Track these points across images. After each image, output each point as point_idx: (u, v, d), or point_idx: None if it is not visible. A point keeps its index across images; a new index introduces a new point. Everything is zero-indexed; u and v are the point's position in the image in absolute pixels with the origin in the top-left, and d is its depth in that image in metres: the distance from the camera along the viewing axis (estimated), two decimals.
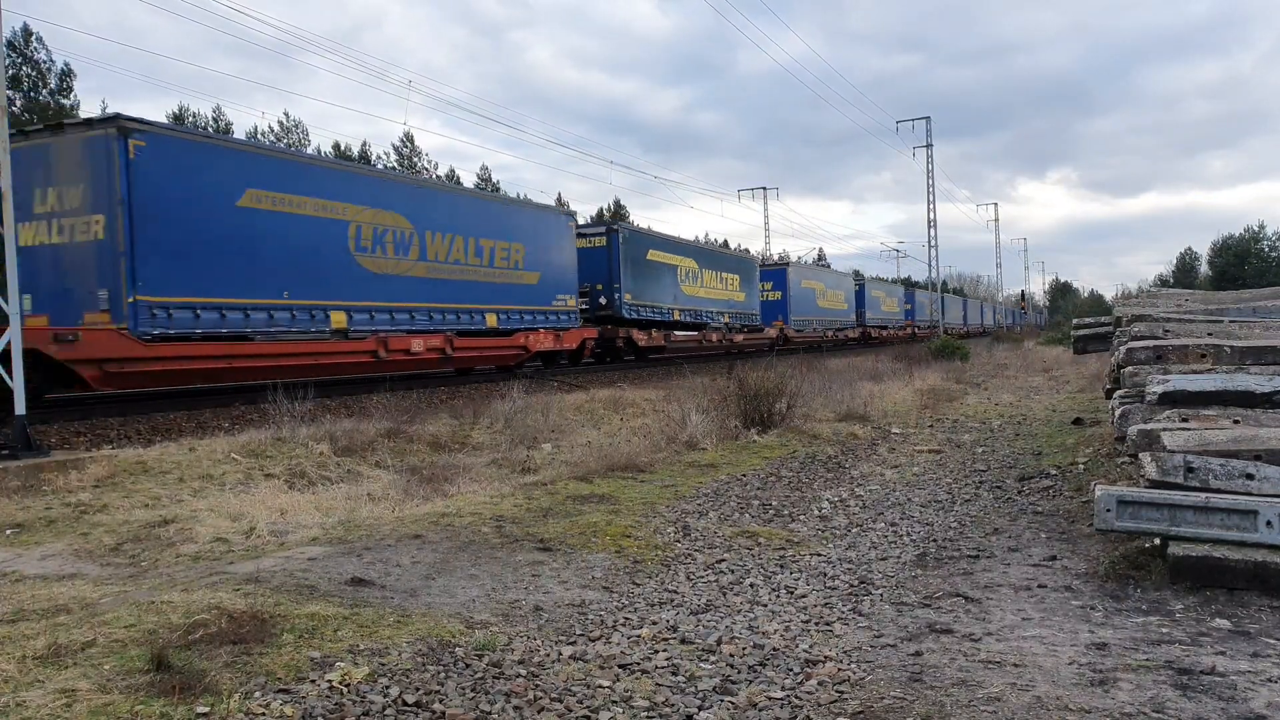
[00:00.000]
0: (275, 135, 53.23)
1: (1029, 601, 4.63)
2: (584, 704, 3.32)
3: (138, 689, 3.06)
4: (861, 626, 4.27)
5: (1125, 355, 7.49)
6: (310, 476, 8.59)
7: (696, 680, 3.58)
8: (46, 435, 10.40)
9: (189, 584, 4.53)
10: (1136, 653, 3.83)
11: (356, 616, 3.98)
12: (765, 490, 7.80)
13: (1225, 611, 4.38)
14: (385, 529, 5.95)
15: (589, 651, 3.87)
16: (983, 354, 32.92)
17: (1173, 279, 78.91)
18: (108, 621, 3.78)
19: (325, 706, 3.10)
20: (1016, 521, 6.58)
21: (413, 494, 7.42)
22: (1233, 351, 6.85)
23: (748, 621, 4.33)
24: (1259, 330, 7.71)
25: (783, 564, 5.42)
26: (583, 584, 4.88)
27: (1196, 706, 3.26)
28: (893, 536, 6.18)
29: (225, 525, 6.24)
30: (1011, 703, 3.30)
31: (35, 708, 2.90)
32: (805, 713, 3.28)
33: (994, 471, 8.80)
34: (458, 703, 3.25)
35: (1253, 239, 71.69)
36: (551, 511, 6.54)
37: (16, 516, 6.70)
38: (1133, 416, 6.56)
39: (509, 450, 10.16)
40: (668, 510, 6.77)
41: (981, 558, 5.55)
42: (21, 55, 41.14)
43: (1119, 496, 4.93)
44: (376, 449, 9.90)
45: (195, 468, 8.48)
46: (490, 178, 64.94)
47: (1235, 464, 5.02)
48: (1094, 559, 5.35)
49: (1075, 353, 14.91)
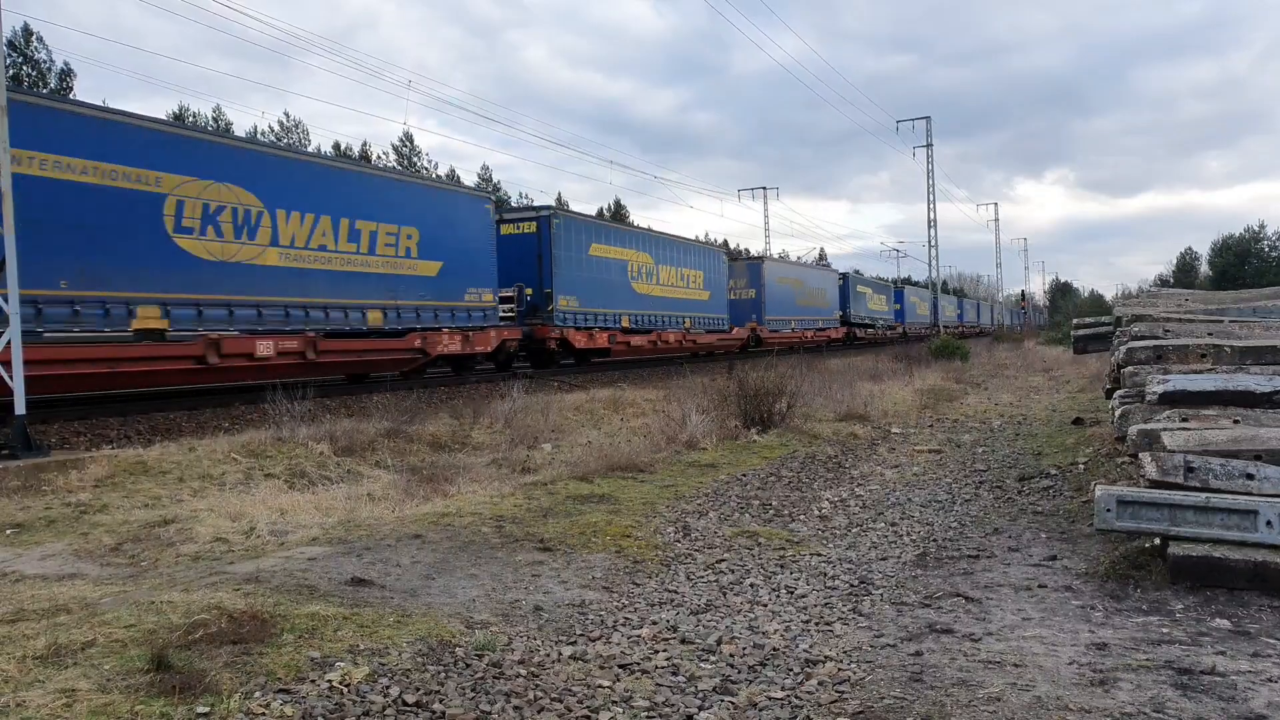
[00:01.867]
0: (275, 135, 53.23)
1: (1029, 601, 4.63)
2: (584, 704, 3.32)
3: (138, 689, 3.06)
4: (861, 626, 4.27)
5: (1125, 355, 7.49)
6: (310, 476, 8.59)
7: (696, 680, 3.58)
8: (46, 435, 10.40)
9: (189, 584, 4.53)
10: (1136, 653, 3.83)
11: (356, 616, 3.98)
12: (765, 490, 7.80)
13: (1225, 611, 4.38)
14: (385, 529, 5.95)
15: (589, 651, 3.87)
16: (983, 354, 32.93)
17: (1173, 279, 78.89)
18: (108, 621, 3.78)
19: (325, 706, 3.10)
20: (1016, 521, 6.57)
21: (413, 494, 7.42)
22: (1233, 351, 6.86)
23: (748, 621, 4.33)
24: (1259, 330, 7.71)
25: (783, 564, 5.42)
26: (583, 584, 4.88)
27: (1196, 706, 3.26)
28: (893, 536, 6.18)
29: (225, 525, 6.24)
30: (1011, 703, 3.30)
31: (35, 708, 2.90)
32: (805, 713, 3.28)
33: (994, 471, 8.80)
34: (458, 703, 3.25)
35: (1253, 239, 71.66)
36: (551, 511, 6.54)
37: (16, 516, 6.70)
38: (1133, 416, 6.56)
39: (509, 450, 10.16)
40: (668, 510, 6.77)
41: (982, 558, 5.55)
42: (22, 55, 41.17)
43: (1119, 496, 4.93)
44: (377, 449, 9.91)
45: (195, 468, 8.48)
46: (490, 177, 64.96)
47: (1235, 464, 5.02)
48: (1094, 559, 5.35)
49: (1075, 353, 14.93)
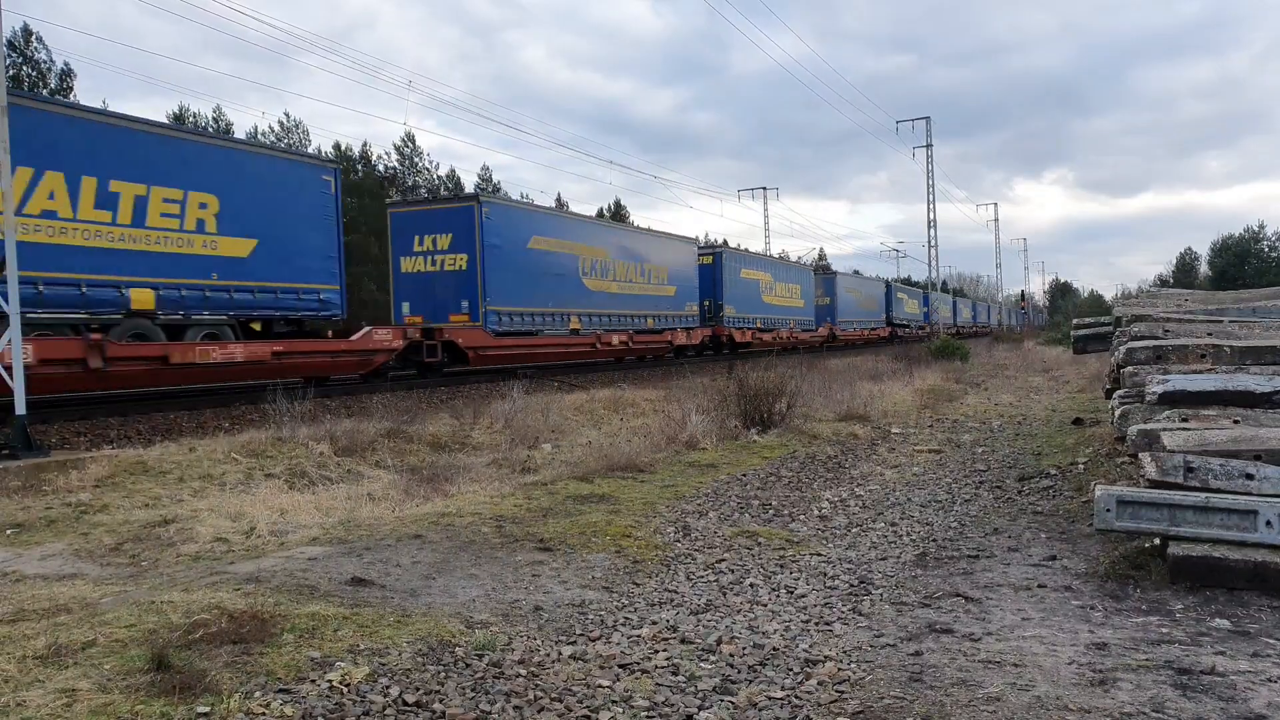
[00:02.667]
0: (276, 135, 53.22)
1: (1029, 601, 4.63)
2: (584, 704, 3.32)
3: (138, 689, 3.06)
4: (861, 626, 4.27)
5: (1125, 355, 7.49)
6: (310, 476, 8.59)
7: (696, 680, 3.58)
8: (47, 435, 10.41)
9: (189, 584, 4.53)
10: (1136, 653, 3.83)
11: (357, 616, 3.98)
12: (765, 490, 7.80)
13: (1225, 611, 4.38)
14: (385, 529, 5.95)
15: (589, 651, 3.87)
16: (982, 354, 32.94)
17: (1172, 279, 78.88)
18: (108, 621, 3.78)
19: (325, 706, 3.10)
20: (1016, 521, 6.57)
21: (413, 494, 7.42)
22: (1232, 351, 6.86)
23: (748, 621, 4.33)
24: (1259, 330, 7.71)
25: (783, 564, 5.42)
26: (583, 584, 4.88)
27: (1196, 706, 3.26)
28: (893, 536, 6.18)
29: (225, 525, 6.24)
30: (1011, 703, 3.30)
31: (35, 708, 2.90)
32: (805, 713, 3.28)
33: (994, 471, 8.80)
34: (458, 703, 3.25)
35: (1253, 239, 71.65)
36: (551, 511, 6.54)
37: (17, 516, 6.70)
38: (1133, 416, 6.56)
39: (509, 450, 10.16)
40: (668, 510, 6.77)
41: (981, 558, 5.55)
42: (22, 55, 41.14)
43: (1119, 496, 4.93)
44: (377, 449, 9.91)
45: (195, 468, 8.48)
46: (490, 177, 64.87)
47: (1235, 464, 5.02)
48: (1094, 559, 5.36)
49: (1075, 353, 14.92)
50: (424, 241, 19.91)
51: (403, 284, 20.17)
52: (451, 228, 19.59)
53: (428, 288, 19.81)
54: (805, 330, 38.85)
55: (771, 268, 36.82)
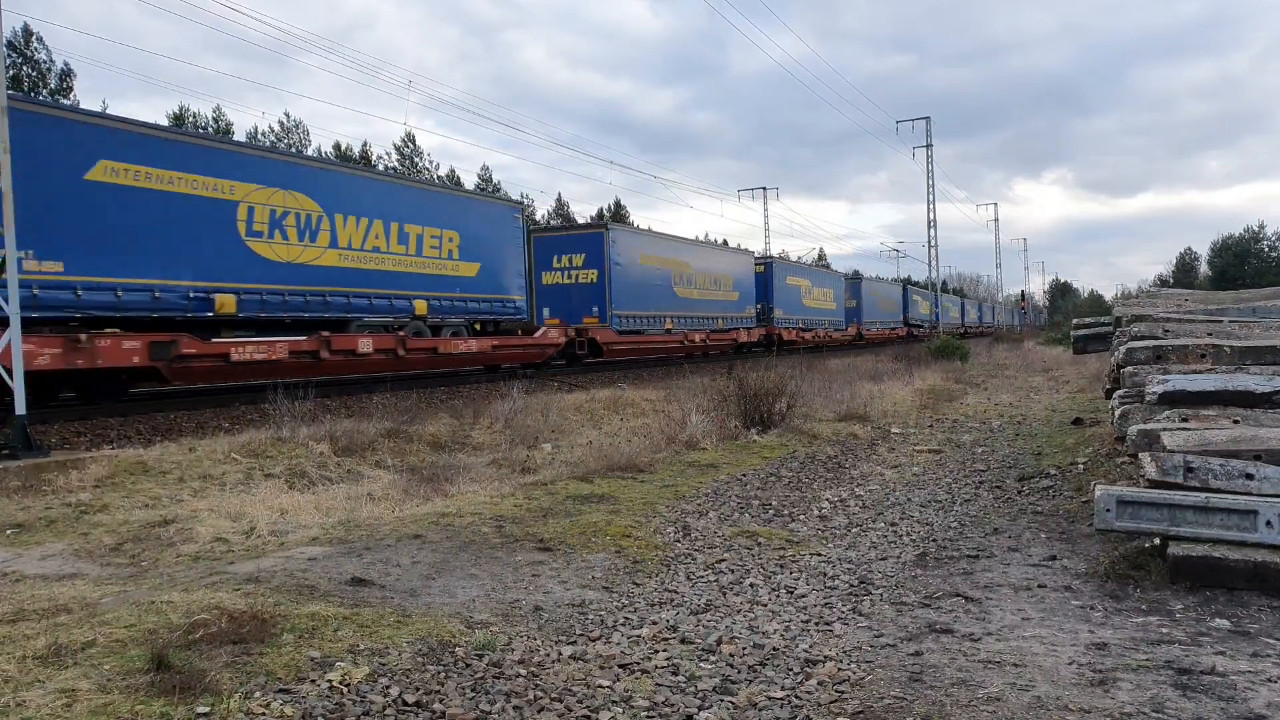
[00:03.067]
0: (276, 136, 53.22)
1: (1029, 601, 4.63)
2: (584, 704, 3.32)
3: (138, 689, 3.06)
4: (861, 626, 4.27)
5: (1125, 355, 7.49)
6: (310, 476, 8.59)
7: (696, 680, 3.58)
8: (46, 435, 10.41)
9: (189, 584, 4.53)
10: (1136, 653, 3.83)
11: (356, 616, 3.98)
12: (765, 490, 7.80)
13: (1225, 611, 4.38)
14: (385, 529, 5.95)
15: (589, 651, 3.87)
16: (982, 354, 32.96)
17: (1172, 279, 78.92)
18: (108, 621, 3.78)
19: (325, 706, 3.10)
20: (1016, 521, 6.57)
21: (413, 494, 7.42)
22: (1232, 351, 6.86)
23: (748, 621, 4.33)
24: (1259, 330, 7.71)
25: (783, 564, 5.42)
26: (583, 584, 4.88)
27: (1196, 706, 3.26)
28: (893, 536, 6.18)
29: (225, 525, 6.24)
30: (1011, 703, 3.30)
31: (35, 708, 2.90)
32: (805, 713, 3.28)
33: (994, 471, 8.80)
34: (458, 703, 3.25)
35: (1252, 239, 71.71)
36: (551, 511, 6.54)
37: (17, 516, 6.70)
38: (1133, 416, 6.57)
39: (509, 450, 10.16)
40: (668, 510, 6.77)
41: (981, 558, 5.55)
42: (22, 55, 41.14)
43: (1119, 496, 4.93)
44: (377, 449, 9.91)
45: (195, 468, 8.48)
46: (490, 177, 64.93)
47: (1235, 464, 5.02)
48: (1094, 559, 5.35)
49: (1075, 353, 14.93)
50: (561, 259, 24.67)
51: (544, 293, 24.81)
52: (584, 249, 24.48)
53: (564, 296, 24.33)
54: (837, 330, 43.09)
55: (810, 274, 41.61)
